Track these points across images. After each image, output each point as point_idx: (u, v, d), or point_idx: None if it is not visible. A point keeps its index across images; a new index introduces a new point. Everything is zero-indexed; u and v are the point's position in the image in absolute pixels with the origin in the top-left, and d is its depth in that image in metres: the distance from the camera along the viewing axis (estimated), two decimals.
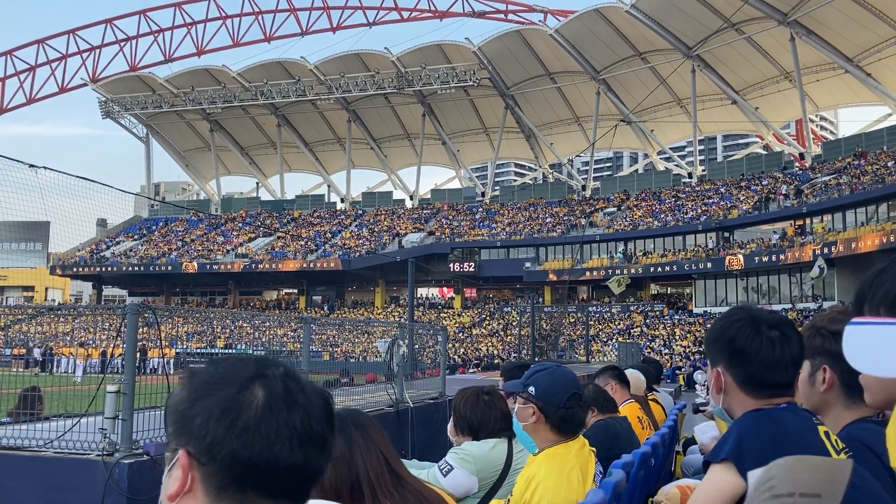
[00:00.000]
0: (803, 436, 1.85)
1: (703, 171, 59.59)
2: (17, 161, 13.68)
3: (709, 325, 2.34)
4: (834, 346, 2.20)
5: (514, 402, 3.13)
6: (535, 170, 72.61)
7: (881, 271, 1.28)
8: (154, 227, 70.95)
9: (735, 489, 1.78)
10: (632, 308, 50.83)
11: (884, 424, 2.14)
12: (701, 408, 8.01)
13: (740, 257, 43.99)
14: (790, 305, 41.34)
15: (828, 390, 2.21)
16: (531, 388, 2.93)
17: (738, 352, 1.98)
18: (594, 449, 3.12)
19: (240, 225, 67.34)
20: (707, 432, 5.06)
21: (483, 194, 66.18)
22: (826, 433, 1.89)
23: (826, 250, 39.02)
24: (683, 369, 36.91)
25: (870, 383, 1.36)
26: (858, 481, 1.79)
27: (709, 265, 45.80)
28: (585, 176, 64.42)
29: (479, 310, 56.95)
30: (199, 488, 1.11)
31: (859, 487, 1.78)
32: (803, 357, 2.07)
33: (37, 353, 33.97)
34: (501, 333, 51.40)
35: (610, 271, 49.80)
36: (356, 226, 64.50)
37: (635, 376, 6.24)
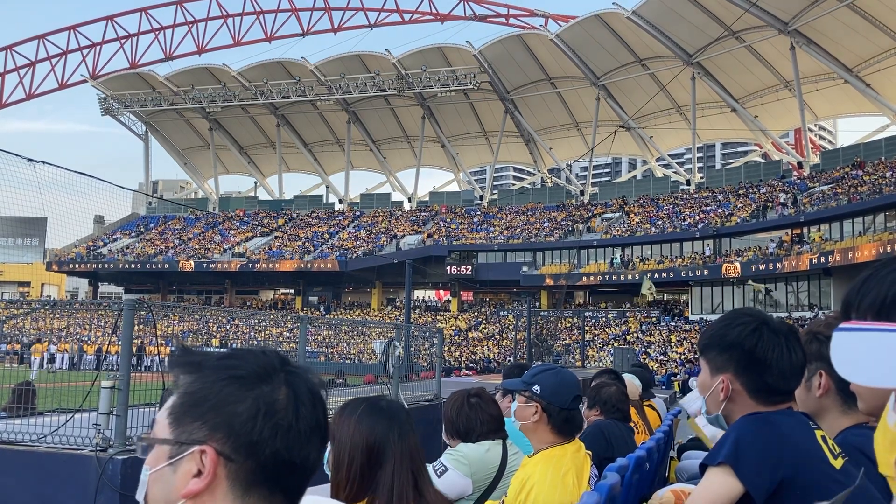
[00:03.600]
0: (800, 440, 1.85)
1: (702, 178, 59.67)
2: (16, 155, 13.65)
3: (713, 332, 2.24)
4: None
5: (510, 403, 3.12)
6: (534, 174, 72.65)
7: (867, 279, 1.28)
8: (151, 225, 70.89)
9: (732, 492, 1.78)
10: (628, 314, 50.88)
11: None
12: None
13: (737, 265, 44.03)
14: (787, 314, 41.37)
15: (824, 395, 2.22)
16: (536, 387, 2.93)
17: (758, 361, 1.95)
18: (590, 452, 3.11)
19: (237, 224, 67.28)
20: (694, 403, 5.00)
21: (481, 198, 66.21)
22: (823, 437, 1.89)
23: (823, 259, 39.09)
24: (679, 376, 36.91)
25: (862, 391, 1.36)
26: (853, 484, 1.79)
27: (706, 272, 45.84)
28: (584, 181, 64.47)
29: (476, 313, 56.94)
30: (222, 486, 1.05)
31: (853, 491, 1.78)
32: (806, 363, 2.07)
33: (52, 348, 33.97)
34: (497, 337, 51.40)
35: (608, 276, 49.89)
36: (354, 227, 64.49)
37: (631, 381, 6.23)
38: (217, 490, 1.06)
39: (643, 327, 48.44)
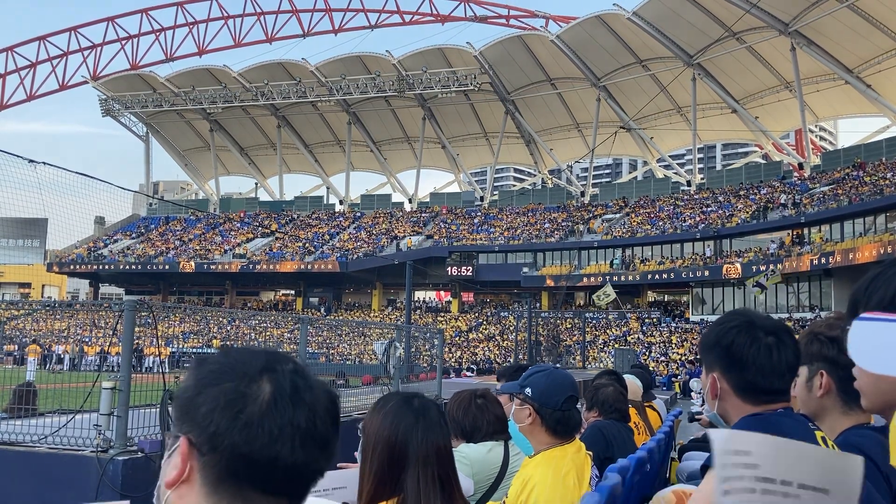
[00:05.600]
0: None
1: (702, 179, 59.66)
2: (17, 156, 13.66)
3: (704, 331, 2.36)
4: (831, 351, 2.20)
5: (509, 404, 3.12)
6: (535, 175, 72.65)
7: (876, 277, 1.28)
8: (152, 226, 70.91)
9: None
10: (629, 315, 50.87)
11: (880, 430, 2.14)
12: (696, 416, 8.01)
13: (738, 266, 44.02)
14: (787, 315, 41.37)
15: (824, 396, 2.22)
16: (528, 390, 2.93)
17: (736, 358, 1.96)
18: (591, 452, 3.11)
19: (238, 225, 67.29)
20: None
21: (482, 199, 66.21)
22: (823, 438, 1.89)
23: (824, 260, 39.09)
24: (679, 377, 36.89)
25: (865, 387, 1.36)
26: None
27: (706, 273, 45.83)
28: (584, 182, 64.47)
29: (477, 314, 56.93)
30: (196, 478, 1.09)
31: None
32: (799, 363, 2.06)
33: (59, 349, 34.00)
34: (498, 338, 51.38)
35: (606, 278, 49.85)
36: (354, 228, 64.49)
37: (633, 382, 6.23)
38: (194, 482, 1.09)
39: (644, 328, 48.43)
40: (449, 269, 54.20)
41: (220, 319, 50.47)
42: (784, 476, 1.03)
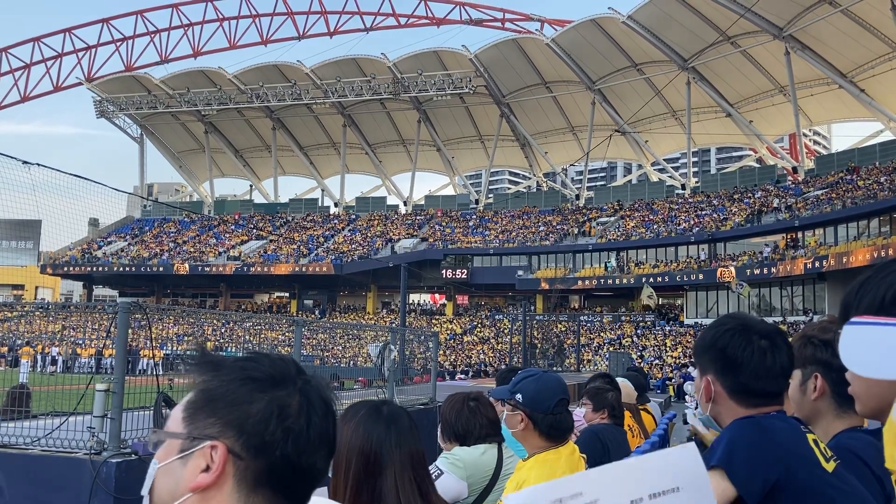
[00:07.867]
0: (793, 443, 1.86)
1: (697, 182, 59.79)
2: (11, 158, 13.63)
3: (699, 334, 2.38)
4: (825, 354, 2.21)
5: (503, 408, 3.12)
6: (529, 178, 72.71)
7: (866, 280, 1.29)
8: (146, 228, 70.74)
9: (725, 495, 1.79)
10: (623, 318, 50.93)
11: (873, 433, 2.15)
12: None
13: (732, 269, 44.13)
14: (781, 318, 41.47)
15: (819, 399, 2.23)
16: (518, 396, 2.92)
17: (730, 361, 1.97)
18: (584, 455, 3.11)
19: (232, 227, 67.18)
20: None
21: (477, 201, 66.22)
22: (815, 441, 1.90)
23: (817, 264, 39.21)
24: (674, 380, 36.91)
25: (859, 392, 1.37)
26: (846, 487, 1.81)
27: (700, 277, 45.92)
28: (579, 185, 64.55)
29: (471, 317, 56.92)
30: (229, 484, 1.08)
31: (846, 493, 1.79)
32: (793, 366, 2.07)
33: (54, 351, 33.87)
34: (493, 341, 51.38)
35: (603, 280, 49.95)
36: (349, 230, 64.44)
37: (626, 385, 6.24)
38: (224, 487, 1.08)
39: (638, 331, 48.48)
40: (444, 271, 54.18)
41: (215, 322, 50.37)
42: (631, 496, 1.06)
